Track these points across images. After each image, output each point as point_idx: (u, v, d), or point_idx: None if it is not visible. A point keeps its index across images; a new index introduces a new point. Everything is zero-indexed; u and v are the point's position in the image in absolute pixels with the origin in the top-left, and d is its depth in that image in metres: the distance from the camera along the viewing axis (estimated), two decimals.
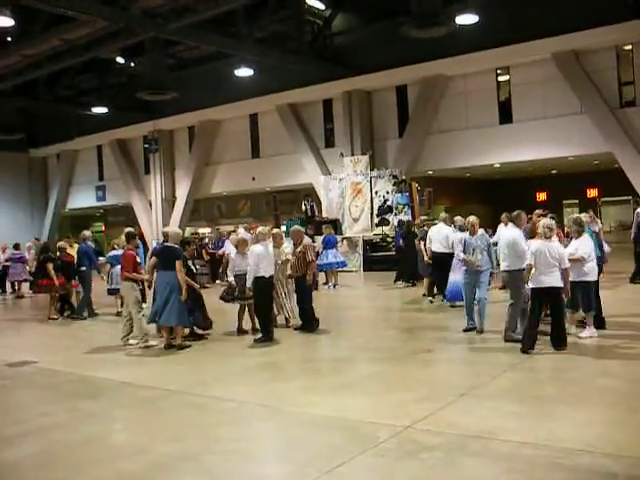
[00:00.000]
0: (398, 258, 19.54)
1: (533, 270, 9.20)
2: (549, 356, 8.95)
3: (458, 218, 13.17)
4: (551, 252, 9.11)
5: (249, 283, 11.24)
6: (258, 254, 11.23)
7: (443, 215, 15.72)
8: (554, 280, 9.10)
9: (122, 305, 12.82)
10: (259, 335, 11.35)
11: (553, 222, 9.63)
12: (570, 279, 9.51)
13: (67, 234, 24.89)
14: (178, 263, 10.94)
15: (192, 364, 9.99)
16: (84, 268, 15.68)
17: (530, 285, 9.37)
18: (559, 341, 9.14)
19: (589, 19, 21.41)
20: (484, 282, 10.95)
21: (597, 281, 10.24)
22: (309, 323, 12.05)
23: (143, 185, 37.98)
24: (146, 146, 36.54)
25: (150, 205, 37.30)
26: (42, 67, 27.20)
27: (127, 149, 38.96)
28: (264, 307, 11.39)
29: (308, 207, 26.89)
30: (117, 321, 14.61)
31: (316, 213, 27.05)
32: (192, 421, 6.98)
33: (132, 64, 30.11)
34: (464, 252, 10.87)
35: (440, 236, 14.68)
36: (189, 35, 23.80)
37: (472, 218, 11.08)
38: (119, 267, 12.89)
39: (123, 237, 14.46)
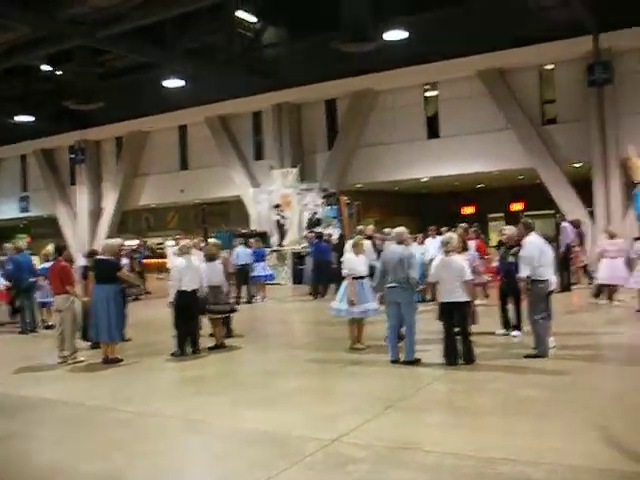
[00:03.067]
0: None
1: (438, 285, 9.46)
2: (472, 368, 9.11)
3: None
4: (452, 266, 9.28)
5: (171, 297, 11.14)
6: (180, 268, 11.15)
7: (360, 227, 15.75)
8: (457, 294, 9.25)
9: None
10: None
11: (450, 235, 9.80)
12: None
13: None
14: (123, 272, 10.95)
15: (117, 379, 9.80)
16: (32, 280, 15.20)
17: (439, 300, 9.55)
18: (466, 356, 9.30)
19: (513, 39, 21.98)
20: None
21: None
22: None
23: (69, 196, 37.16)
24: (72, 156, 35.82)
25: (76, 217, 36.53)
26: None
27: (52, 159, 38.06)
28: (181, 321, 11.23)
29: (280, 217, 26.71)
30: (44, 336, 14.31)
31: (286, 225, 26.80)
32: (117, 438, 6.85)
33: (59, 72, 29.46)
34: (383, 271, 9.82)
35: None
36: (118, 44, 23.43)
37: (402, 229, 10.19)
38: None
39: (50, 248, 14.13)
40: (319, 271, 19.85)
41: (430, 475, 5.38)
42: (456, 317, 9.31)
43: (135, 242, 26.26)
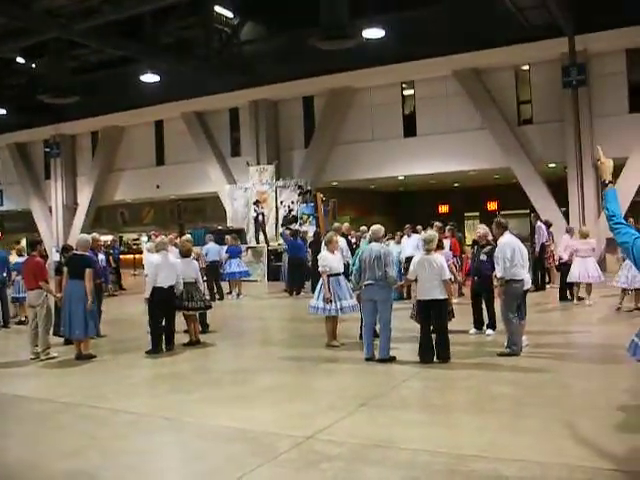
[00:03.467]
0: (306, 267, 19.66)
1: (417, 283, 9.49)
2: (447, 366, 9.17)
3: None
4: (431, 264, 9.33)
5: (147, 294, 11.09)
6: (156, 264, 11.10)
7: (336, 225, 15.77)
8: (436, 292, 9.30)
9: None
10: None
11: (432, 234, 9.85)
12: None
13: None
14: (88, 272, 10.68)
15: (92, 376, 9.73)
16: (4, 275, 15.06)
17: (417, 297, 9.59)
18: (442, 354, 9.34)
19: (489, 39, 22.11)
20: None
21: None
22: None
23: (43, 191, 36.82)
24: (47, 150, 35.50)
25: (50, 211, 36.23)
26: None
27: (26, 153, 37.65)
28: (156, 317, 11.21)
29: (259, 214, 26.55)
30: (16, 331, 14.19)
31: (266, 222, 26.62)
32: (90, 435, 6.80)
33: (33, 65, 29.14)
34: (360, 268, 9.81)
35: None
36: (94, 38, 23.23)
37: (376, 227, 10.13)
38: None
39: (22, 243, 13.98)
40: (294, 268, 19.90)
41: (404, 472, 5.40)
42: (434, 315, 9.37)
43: (109, 237, 26.14)
